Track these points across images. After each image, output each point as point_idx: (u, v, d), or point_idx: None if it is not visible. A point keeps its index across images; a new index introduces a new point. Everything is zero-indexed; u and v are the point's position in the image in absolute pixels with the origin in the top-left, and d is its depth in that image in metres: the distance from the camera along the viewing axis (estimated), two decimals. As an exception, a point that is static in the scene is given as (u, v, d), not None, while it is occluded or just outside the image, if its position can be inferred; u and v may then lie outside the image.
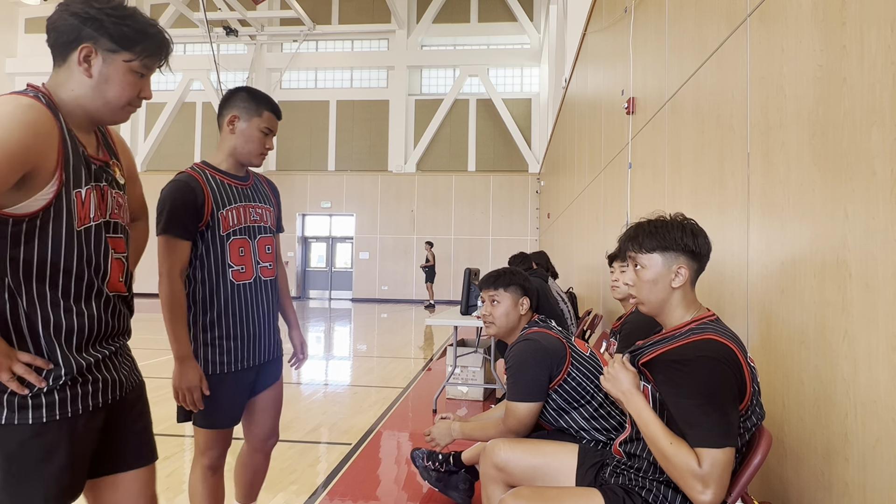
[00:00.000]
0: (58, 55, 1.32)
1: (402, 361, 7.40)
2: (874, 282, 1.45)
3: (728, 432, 1.46)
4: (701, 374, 1.50)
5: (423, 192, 18.75)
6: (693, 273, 1.68)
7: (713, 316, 1.67)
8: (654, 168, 3.86)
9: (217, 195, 2.00)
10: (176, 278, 1.94)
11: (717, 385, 1.49)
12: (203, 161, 2.09)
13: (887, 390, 1.39)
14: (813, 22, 1.77)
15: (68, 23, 1.29)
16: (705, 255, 1.70)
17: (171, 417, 4.47)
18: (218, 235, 1.99)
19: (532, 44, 18.62)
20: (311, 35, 18.88)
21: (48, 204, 1.26)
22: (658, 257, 1.66)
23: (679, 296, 1.67)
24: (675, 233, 1.66)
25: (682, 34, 3.23)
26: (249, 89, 2.08)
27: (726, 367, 1.51)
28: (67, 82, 1.32)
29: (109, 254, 1.41)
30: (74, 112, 1.34)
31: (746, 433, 1.58)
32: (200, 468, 2.10)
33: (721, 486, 1.44)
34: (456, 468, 2.86)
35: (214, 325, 2.01)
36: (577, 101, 8.47)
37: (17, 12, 20.09)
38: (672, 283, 1.66)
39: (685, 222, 1.70)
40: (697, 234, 1.68)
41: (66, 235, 1.30)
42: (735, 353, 1.54)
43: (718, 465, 1.44)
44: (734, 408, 1.50)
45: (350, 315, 14.12)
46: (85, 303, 1.35)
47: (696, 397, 1.49)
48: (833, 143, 1.64)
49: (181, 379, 1.92)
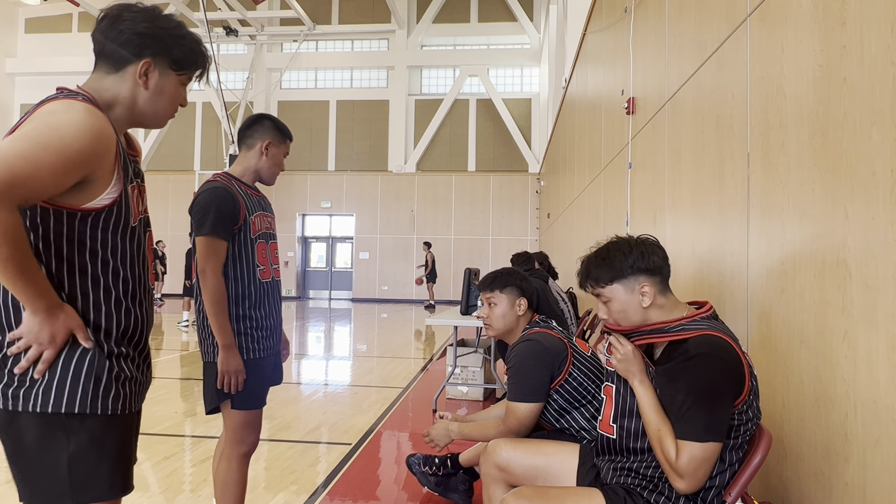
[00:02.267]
0: (112, 64, 1.38)
1: (402, 361, 7.40)
2: (874, 282, 1.45)
3: (713, 428, 1.51)
4: (697, 370, 1.54)
5: (423, 192, 18.75)
6: (659, 285, 1.70)
7: (708, 311, 1.68)
8: (654, 168, 3.86)
9: (245, 201, 2.23)
10: (220, 275, 2.13)
11: (712, 382, 1.53)
12: (225, 172, 2.29)
13: (887, 390, 1.39)
14: (813, 22, 1.77)
15: (133, 38, 1.37)
16: (664, 265, 1.72)
17: (171, 417, 4.49)
18: (248, 238, 2.22)
19: (532, 44, 18.62)
20: (311, 35, 18.88)
21: (114, 201, 1.33)
22: (618, 286, 1.69)
23: (655, 309, 1.68)
24: (625, 259, 1.68)
25: (682, 34, 3.23)
26: (273, 118, 2.34)
27: (725, 363, 1.54)
28: (119, 89, 1.39)
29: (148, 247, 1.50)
30: (122, 117, 1.41)
31: (745, 430, 1.60)
32: (237, 457, 2.24)
33: (695, 478, 1.51)
34: (454, 470, 2.86)
35: (245, 317, 2.20)
36: (577, 101, 8.47)
37: (17, 12, 20.09)
38: (642, 304, 1.68)
39: (633, 242, 1.71)
40: (648, 253, 1.69)
41: (129, 232, 1.39)
42: (734, 349, 1.57)
43: (695, 459, 1.50)
44: (725, 405, 1.53)
45: (350, 315, 14.12)
46: (139, 300, 1.42)
47: (688, 392, 1.53)
48: (833, 143, 1.64)
49: (228, 364, 2.12)
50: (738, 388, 1.55)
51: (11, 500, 2.97)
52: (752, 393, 1.59)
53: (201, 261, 2.12)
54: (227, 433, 2.24)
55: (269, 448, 3.81)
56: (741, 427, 1.59)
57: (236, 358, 2.14)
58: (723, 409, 1.53)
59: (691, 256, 3.04)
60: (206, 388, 2.22)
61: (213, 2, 17.20)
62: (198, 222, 2.14)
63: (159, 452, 3.67)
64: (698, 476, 1.52)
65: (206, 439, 3.95)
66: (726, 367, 1.54)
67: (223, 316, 2.12)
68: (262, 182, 2.35)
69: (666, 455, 1.54)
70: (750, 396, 1.58)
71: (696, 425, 1.51)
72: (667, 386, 1.59)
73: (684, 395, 1.54)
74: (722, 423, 1.53)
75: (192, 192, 18.30)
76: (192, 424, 4.35)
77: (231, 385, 2.14)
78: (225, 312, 2.13)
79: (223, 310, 2.12)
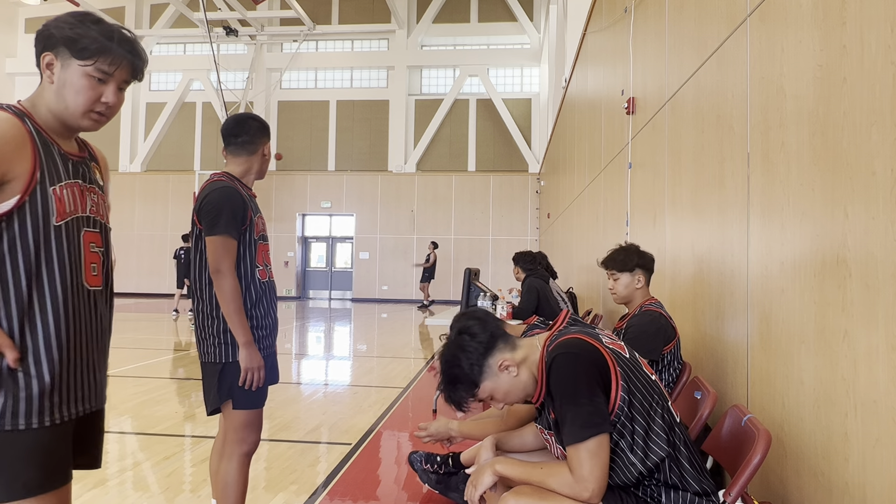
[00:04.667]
0: (37, 67, 1.43)
1: (402, 361, 7.39)
2: (874, 282, 1.45)
3: (589, 423, 1.51)
4: (555, 376, 1.59)
5: (423, 192, 18.75)
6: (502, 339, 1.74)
7: (563, 321, 1.76)
8: (654, 168, 3.86)
9: (249, 203, 2.25)
10: (234, 274, 2.15)
11: (569, 379, 1.56)
12: (226, 172, 2.32)
13: (887, 390, 1.39)
14: (813, 22, 1.77)
15: (39, 36, 1.41)
16: (496, 325, 1.75)
17: (171, 417, 4.49)
18: (253, 238, 2.24)
19: (532, 44, 18.61)
20: (311, 35, 18.87)
21: (20, 202, 1.33)
22: (486, 384, 1.71)
23: (525, 366, 1.71)
24: (469, 357, 1.68)
25: (682, 34, 3.23)
26: (256, 118, 2.39)
27: (574, 356, 1.58)
28: (42, 91, 1.43)
29: (85, 248, 1.46)
30: (49, 119, 1.43)
31: (651, 413, 1.60)
32: (238, 456, 2.24)
33: (593, 477, 1.50)
34: (455, 469, 2.86)
35: (248, 315, 2.21)
36: (577, 101, 8.46)
37: (17, 12, 20.09)
38: (512, 375, 1.69)
39: (469, 326, 1.72)
40: (485, 321, 1.73)
41: (44, 231, 1.36)
42: (583, 341, 1.61)
43: (585, 460, 1.50)
44: (593, 396, 1.54)
45: (350, 315, 14.12)
46: (65, 299, 1.39)
47: (558, 400, 1.58)
48: (833, 143, 1.64)
49: (250, 360, 2.15)
50: (600, 375, 1.57)
51: (11, 500, 2.97)
52: (632, 382, 1.60)
53: (215, 260, 2.11)
54: (229, 433, 2.24)
55: (269, 448, 3.81)
56: (637, 417, 1.59)
57: (257, 354, 2.16)
58: (594, 401, 1.53)
59: (691, 256, 3.04)
60: (206, 390, 2.22)
61: (213, 2, 17.19)
62: (210, 222, 2.13)
63: (159, 452, 3.67)
64: (596, 474, 1.50)
65: (206, 439, 3.95)
66: (576, 359, 1.57)
67: (241, 314, 2.13)
68: (258, 178, 2.43)
69: (563, 484, 1.53)
70: (626, 384, 1.59)
71: (572, 426, 1.52)
72: (552, 405, 1.65)
73: (559, 402, 1.58)
74: (597, 414, 1.52)
75: (191, 193, 18.28)
76: (192, 424, 4.35)
77: (253, 381, 2.16)
78: (242, 310, 2.13)
79: (240, 308, 2.13)
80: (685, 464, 1.61)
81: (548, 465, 1.60)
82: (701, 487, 1.61)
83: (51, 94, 1.41)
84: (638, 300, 2.90)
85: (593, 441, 1.50)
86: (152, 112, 19.59)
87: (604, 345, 1.63)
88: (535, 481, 1.59)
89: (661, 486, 1.62)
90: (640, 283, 2.89)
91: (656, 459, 1.59)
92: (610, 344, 1.66)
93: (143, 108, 19.75)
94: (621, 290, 2.92)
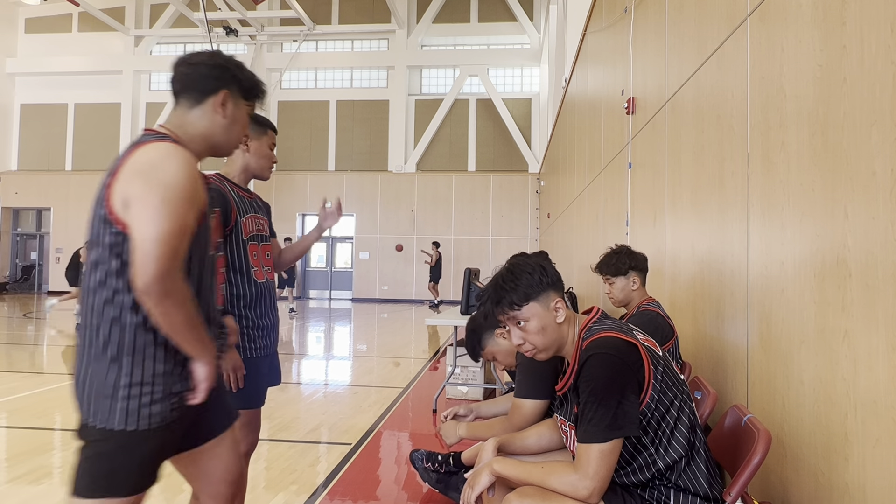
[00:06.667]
0: (192, 97, 1.53)
1: (402, 361, 7.39)
2: (874, 282, 1.45)
3: (616, 425, 1.50)
4: (590, 372, 1.56)
5: (423, 192, 18.75)
6: (566, 298, 1.74)
7: (596, 314, 1.72)
8: (654, 168, 3.86)
9: (238, 204, 2.24)
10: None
11: (606, 379, 1.54)
12: (217, 173, 2.28)
13: (887, 390, 1.39)
14: (813, 22, 1.77)
15: (211, 72, 1.53)
16: (559, 279, 1.75)
17: (171, 417, 4.49)
18: (241, 240, 2.23)
19: (532, 44, 18.62)
20: (311, 35, 18.88)
21: None
22: (535, 305, 1.68)
23: (567, 326, 1.71)
24: (530, 278, 1.69)
25: (682, 34, 3.23)
26: (254, 117, 2.30)
27: (614, 357, 1.55)
28: (199, 121, 1.53)
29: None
30: (197, 146, 1.54)
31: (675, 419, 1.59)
32: None
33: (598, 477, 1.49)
34: (456, 468, 2.86)
35: (242, 317, 2.22)
36: (577, 101, 8.46)
37: (17, 12, 20.08)
38: (557, 320, 1.69)
39: (530, 263, 1.73)
40: (547, 268, 1.72)
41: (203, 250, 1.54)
42: (624, 341, 1.59)
43: (595, 459, 1.50)
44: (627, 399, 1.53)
45: (350, 315, 14.12)
46: None
47: (588, 396, 1.55)
48: (833, 143, 1.64)
49: (226, 360, 2.12)
50: (635, 375, 1.56)
51: (12, 500, 2.97)
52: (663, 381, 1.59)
53: None
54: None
55: (269, 448, 3.80)
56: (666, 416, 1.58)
57: (234, 354, 2.15)
58: (622, 403, 1.52)
59: (691, 256, 3.04)
60: None
61: (213, 2, 17.20)
62: None
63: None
64: (602, 474, 1.50)
65: (206, 439, 3.95)
66: (612, 361, 1.55)
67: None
68: (256, 178, 2.36)
69: (564, 482, 1.52)
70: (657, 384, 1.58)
71: (598, 426, 1.51)
72: (577, 400, 1.62)
73: (585, 399, 1.55)
74: (623, 417, 1.51)
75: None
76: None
77: (231, 381, 2.14)
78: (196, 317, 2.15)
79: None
80: (701, 466, 1.61)
81: (548, 465, 1.59)
82: (711, 492, 1.61)
83: (217, 127, 1.54)
84: (635, 301, 2.91)
85: (610, 443, 1.50)
86: (152, 112, 19.58)
87: (640, 342, 1.61)
88: (534, 481, 1.59)
89: (671, 489, 1.61)
90: (636, 285, 2.90)
91: (675, 457, 1.59)
92: (644, 341, 1.65)
93: (143, 108, 19.75)
94: (618, 294, 2.94)
